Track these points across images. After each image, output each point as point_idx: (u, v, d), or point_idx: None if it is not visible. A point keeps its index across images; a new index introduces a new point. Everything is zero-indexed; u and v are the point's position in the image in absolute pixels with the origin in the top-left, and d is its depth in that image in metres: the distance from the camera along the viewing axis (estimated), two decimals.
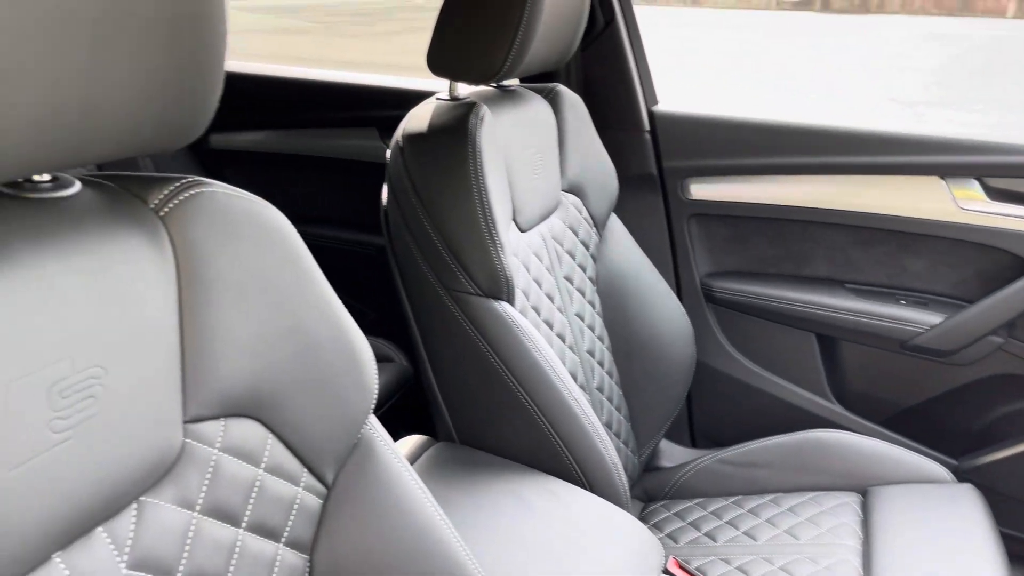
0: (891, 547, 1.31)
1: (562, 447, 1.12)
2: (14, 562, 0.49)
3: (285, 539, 0.70)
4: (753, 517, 1.44)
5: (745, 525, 1.43)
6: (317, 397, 0.70)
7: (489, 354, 1.11)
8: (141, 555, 0.58)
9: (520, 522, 0.99)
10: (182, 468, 0.62)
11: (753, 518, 1.44)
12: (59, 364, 0.52)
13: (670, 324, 1.57)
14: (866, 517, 1.40)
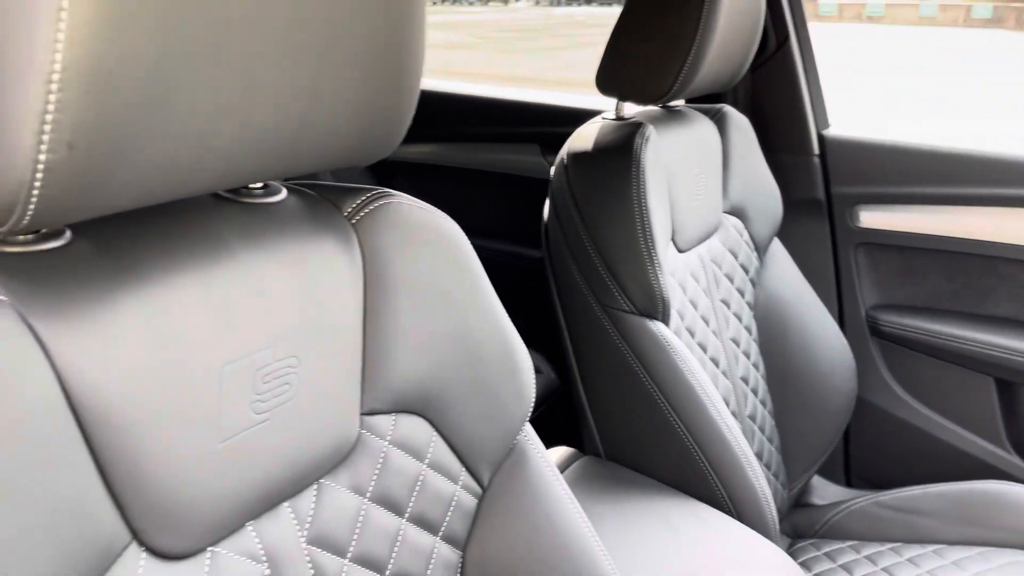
0: None
1: (711, 473, 1.11)
2: (216, 526, 0.55)
3: (442, 533, 0.73)
4: (912, 567, 1.36)
5: (903, 574, 1.35)
6: (479, 401, 0.74)
7: (641, 373, 1.12)
8: (319, 532, 0.63)
9: (665, 545, 0.99)
10: (357, 457, 0.66)
11: (912, 568, 1.36)
12: (263, 352, 0.58)
13: (831, 355, 1.51)
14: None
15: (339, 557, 0.65)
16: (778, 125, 1.65)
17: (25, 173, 0.41)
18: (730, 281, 1.40)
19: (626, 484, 1.09)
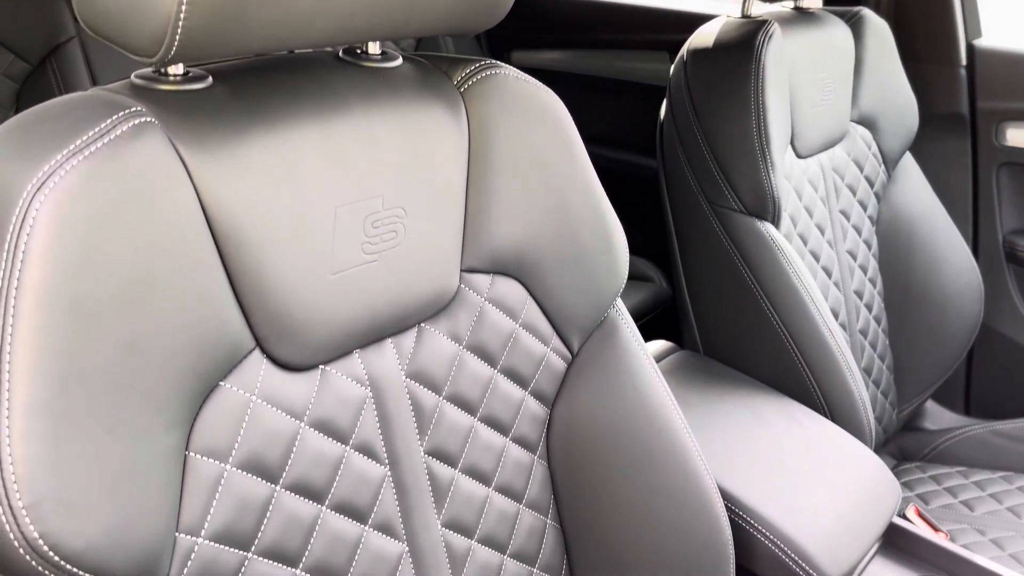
0: None
1: (809, 376, 1.11)
2: (327, 346, 0.63)
3: (531, 389, 0.79)
4: (1022, 495, 1.32)
5: (1011, 501, 1.31)
6: (573, 270, 0.78)
7: (745, 273, 1.12)
8: (417, 368, 0.70)
9: (751, 433, 1.01)
10: (455, 308, 0.73)
11: (1022, 496, 1.32)
12: (373, 200, 0.64)
13: (958, 278, 1.45)
14: None
15: (435, 393, 0.71)
16: (922, 32, 1.55)
17: (172, 5, 0.48)
18: (852, 193, 1.37)
19: (720, 377, 1.11)
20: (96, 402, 0.49)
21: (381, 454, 0.68)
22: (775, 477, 0.95)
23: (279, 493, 0.60)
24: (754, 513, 0.89)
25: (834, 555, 0.88)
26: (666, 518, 0.82)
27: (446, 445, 0.72)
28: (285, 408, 0.61)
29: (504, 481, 0.77)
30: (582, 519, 0.82)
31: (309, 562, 0.62)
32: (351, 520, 0.65)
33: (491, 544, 0.76)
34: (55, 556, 0.46)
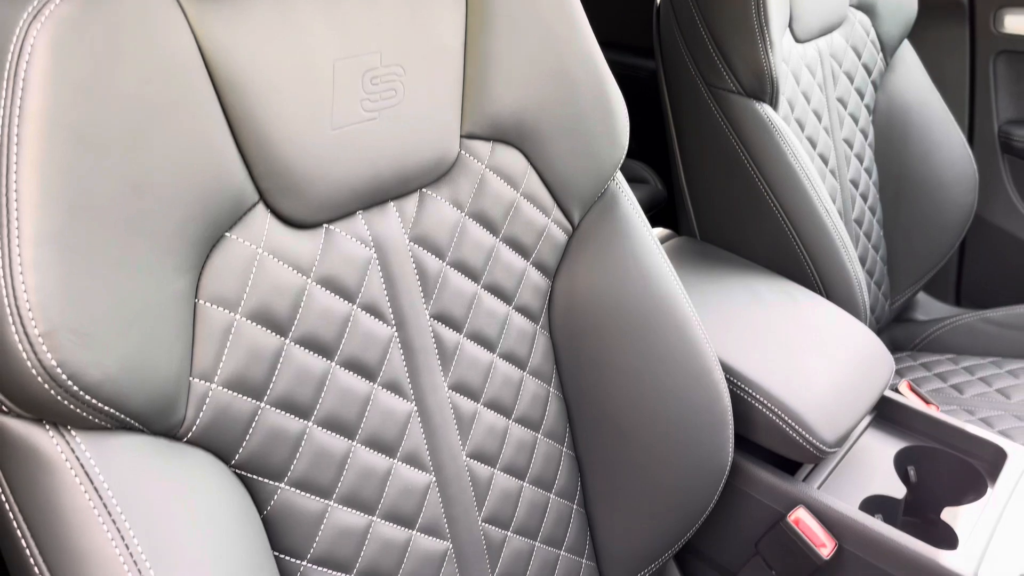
0: None
1: (805, 257, 1.12)
2: (330, 204, 0.63)
3: (533, 260, 0.80)
4: (1011, 378, 1.35)
5: (1000, 384, 1.34)
6: (572, 139, 0.78)
7: (743, 155, 1.12)
8: (421, 233, 0.70)
9: (748, 310, 1.02)
10: (457, 174, 0.72)
11: (1011, 379, 1.35)
12: (371, 55, 0.63)
13: (952, 168, 1.45)
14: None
15: (438, 259, 0.72)
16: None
17: None
18: (849, 80, 1.35)
19: (718, 260, 1.12)
20: (105, 237, 0.49)
21: (388, 314, 0.68)
22: (772, 350, 0.96)
23: (289, 346, 0.61)
24: (752, 383, 0.91)
25: (829, 423, 0.90)
26: (667, 384, 0.84)
27: (451, 310, 0.73)
28: (291, 263, 0.61)
29: (508, 348, 0.78)
30: (584, 387, 0.84)
31: (321, 415, 0.63)
32: (360, 377, 0.66)
33: (496, 408, 0.77)
34: (74, 385, 0.47)
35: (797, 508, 0.89)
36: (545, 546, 0.83)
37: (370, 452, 0.67)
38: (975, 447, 0.98)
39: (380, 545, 0.68)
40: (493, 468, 0.77)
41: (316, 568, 0.64)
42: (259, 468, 0.60)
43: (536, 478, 0.82)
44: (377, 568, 0.68)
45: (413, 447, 0.70)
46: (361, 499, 0.66)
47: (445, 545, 0.73)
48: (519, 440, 0.80)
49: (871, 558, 0.86)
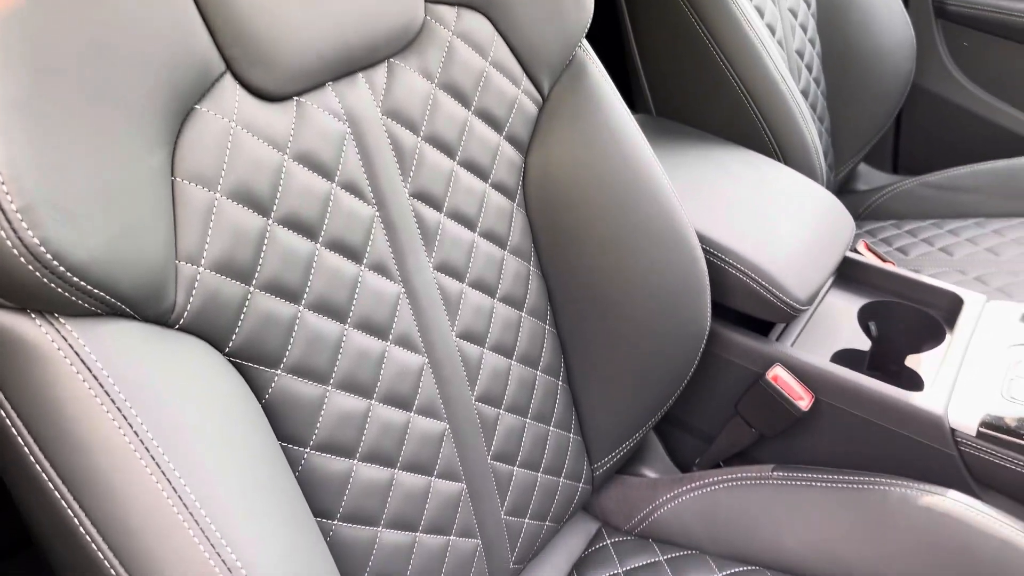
0: None
1: (763, 125, 1.12)
2: (299, 74, 0.59)
3: (505, 133, 0.77)
4: (952, 236, 1.40)
5: (941, 243, 1.39)
6: (537, 2, 0.74)
7: (697, 25, 1.10)
8: (393, 105, 0.67)
9: (713, 180, 1.02)
10: (424, 43, 0.68)
11: (952, 237, 1.40)
12: None
13: (891, 36, 1.46)
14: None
15: (413, 133, 0.68)
16: None
17: None
18: None
19: (679, 135, 1.11)
20: (74, 104, 0.45)
21: (367, 193, 0.65)
22: (741, 217, 0.97)
23: (272, 227, 0.58)
24: (725, 249, 0.92)
25: (800, 281, 0.92)
26: (646, 253, 0.83)
27: (429, 187, 0.70)
28: (266, 138, 0.57)
29: (488, 227, 0.76)
30: (563, 263, 0.83)
31: (311, 298, 0.61)
32: (346, 259, 0.64)
33: (481, 288, 0.76)
34: (60, 266, 0.43)
35: (774, 366, 0.92)
36: (535, 422, 0.83)
37: (363, 335, 0.65)
38: (932, 297, 1.02)
39: (380, 428, 0.67)
40: (482, 348, 0.76)
41: (319, 455, 0.62)
42: (254, 355, 0.57)
43: (523, 356, 0.81)
44: (379, 451, 0.67)
45: (404, 329, 0.69)
46: (358, 383, 0.65)
47: (442, 426, 0.73)
48: (505, 319, 0.79)
49: (846, 406, 0.89)
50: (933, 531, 0.80)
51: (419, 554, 0.71)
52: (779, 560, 0.88)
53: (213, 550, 0.46)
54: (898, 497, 0.82)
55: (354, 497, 0.65)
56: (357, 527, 0.65)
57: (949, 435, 0.84)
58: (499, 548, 0.81)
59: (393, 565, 0.69)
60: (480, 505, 0.78)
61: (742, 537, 0.90)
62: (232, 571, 0.46)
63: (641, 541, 0.95)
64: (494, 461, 0.79)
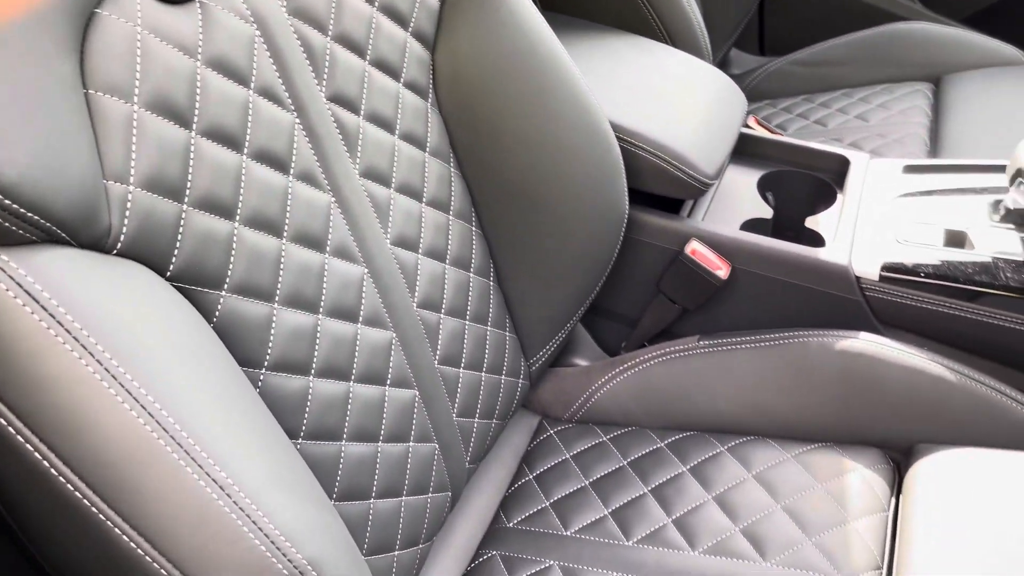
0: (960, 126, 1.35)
1: (651, 11, 1.13)
2: None
3: (411, 29, 0.74)
4: (824, 108, 1.48)
5: (815, 116, 1.47)
6: None
7: None
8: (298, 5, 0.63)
9: (612, 69, 1.03)
10: None
11: (824, 109, 1.48)
12: None
13: None
14: (937, 101, 1.43)
15: (321, 33, 0.65)
16: None
17: None
18: None
19: (572, 28, 1.10)
20: None
21: (285, 99, 0.62)
22: (643, 100, 0.98)
23: (197, 139, 0.55)
24: (634, 133, 0.93)
25: (707, 157, 0.95)
26: (563, 142, 0.84)
27: (344, 89, 0.68)
28: (175, 43, 0.53)
29: (406, 129, 0.74)
30: (482, 162, 0.82)
31: (245, 213, 0.58)
32: (273, 170, 0.61)
33: (408, 192, 0.75)
34: None
35: (690, 241, 0.95)
36: (474, 324, 0.84)
37: (301, 248, 0.63)
38: (822, 162, 1.08)
39: (331, 342, 0.65)
40: (417, 253, 0.75)
41: (275, 374, 0.60)
42: (197, 277, 0.54)
43: (456, 259, 0.81)
44: (333, 365, 0.65)
45: (340, 240, 0.67)
46: (304, 298, 0.63)
47: (389, 335, 0.72)
48: (435, 223, 0.78)
49: (760, 270, 0.94)
50: (850, 370, 0.86)
51: (383, 464, 0.71)
52: (715, 422, 0.93)
53: (202, 471, 0.44)
54: (816, 346, 0.88)
55: (315, 414, 0.63)
56: (322, 443, 0.64)
57: (855, 283, 0.90)
58: (455, 449, 0.82)
59: (360, 477, 0.68)
60: (433, 409, 0.78)
61: (678, 406, 0.95)
62: (225, 488, 0.45)
63: (582, 427, 0.98)
64: (441, 365, 0.79)
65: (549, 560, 0.83)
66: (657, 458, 0.91)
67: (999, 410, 0.81)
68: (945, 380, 0.83)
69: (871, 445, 0.86)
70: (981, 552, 0.71)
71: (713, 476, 0.87)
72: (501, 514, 0.90)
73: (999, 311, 0.85)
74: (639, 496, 0.87)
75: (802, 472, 0.85)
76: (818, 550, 0.77)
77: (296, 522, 0.47)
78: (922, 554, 0.73)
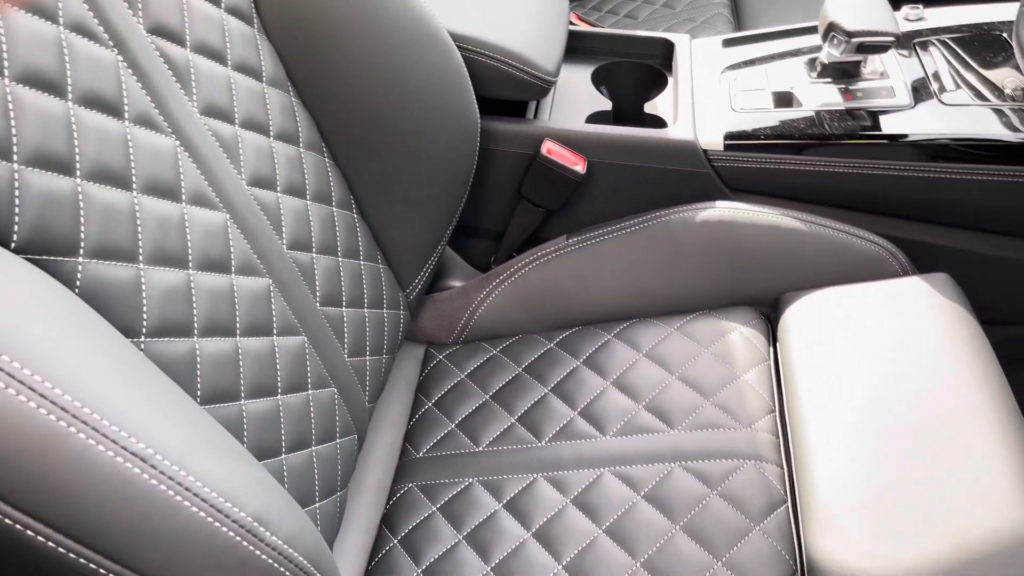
0: (756, 2, 1.42)
1: None
2: None
3: None
4: (631, 2, 1.51)
5: (625, 10, 1.50)
6: None
7: None
8: None
9: None
10: None
11: (632, 3, 1.51)
12: None
13: None
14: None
15: None
16: None
17: None
18: None
19: None
20: None
21: (100, 33, 0.55)
22: (471, 8, 0.96)
23: (12, 87, 0.48)
24: (472, 39, 0.91)
25: (546, 55, 0.95)
26: (404, 58, 0.80)
27: (164, 19, 0.61)
28: None
29: (238, 59, 0.68)
30: (323, 88, 0.78)
31: (85, 167, 0.51)
32: (105, 115, 0.54)
33: (253, 127, 0.69)
34: None
35: (545, 141, 0.95)
36: (347, 259, 0.80)
37: (154, 200, 0.57)
38: (647, 48, 1.10)
39: (208, 297, 0.60)
40: (276, 192, 0.70)
41: (157, 340, 0.55)
42: (46, 245, 0.48)
43: (315, 193, 0.76)
44: (216, 322, 0.60)
45: (194, 186, 0.61)
46: (170, 254, 0.57)
47: (266, 281, 0.67)
48: (287, 157, 0.73)
49: (615, 159, 0.96)
50: (712, 238, 0.90)
51: (287, 417, 0.67)
52: (597, 313, 0.95)
53: (116, 446, 0.39)
54: (678, 221, 0.92)
55: (207, 375, 0.59)
56: (220, 406, 0.60)
57: (703, 155, 0.94)
58: (353, 390, 0.79)
59: (267, 434, 0.64)
60: (324, 353, 0.74)
61: (559, 306, 0.96)
62: (147, 460, 0.40)
63: (471, 346, 0.97)
64: (323, 307, 0.75)
65: (467, 478, 0.83)
66: (550, 359, 0.92)
67: (848, 249, 0.88)
68: (797, 230, 0.89)
69: (743, 304, 0.92)
70: (856, 373, 0.77)
71: (607, 364, 0.89)
72: (408, 447, 0.88)
73: (832, 159, 0.91)
74: (541, 398, 0.88)
75: (687, 342, 0.89)
76: (717, 408, 0.82)
77: (231, 481, 0.44)
78: (806, 388, 0.79)
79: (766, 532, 0.71)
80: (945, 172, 0.89)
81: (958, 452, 0.69)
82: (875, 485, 0.69)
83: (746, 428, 0.80)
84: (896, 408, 0.73)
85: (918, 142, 0.89)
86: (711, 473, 0.76)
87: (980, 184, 0.88)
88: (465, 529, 0.78)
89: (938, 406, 0.73)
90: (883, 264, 0.88)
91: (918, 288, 0.84)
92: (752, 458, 0.77)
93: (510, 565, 0.74)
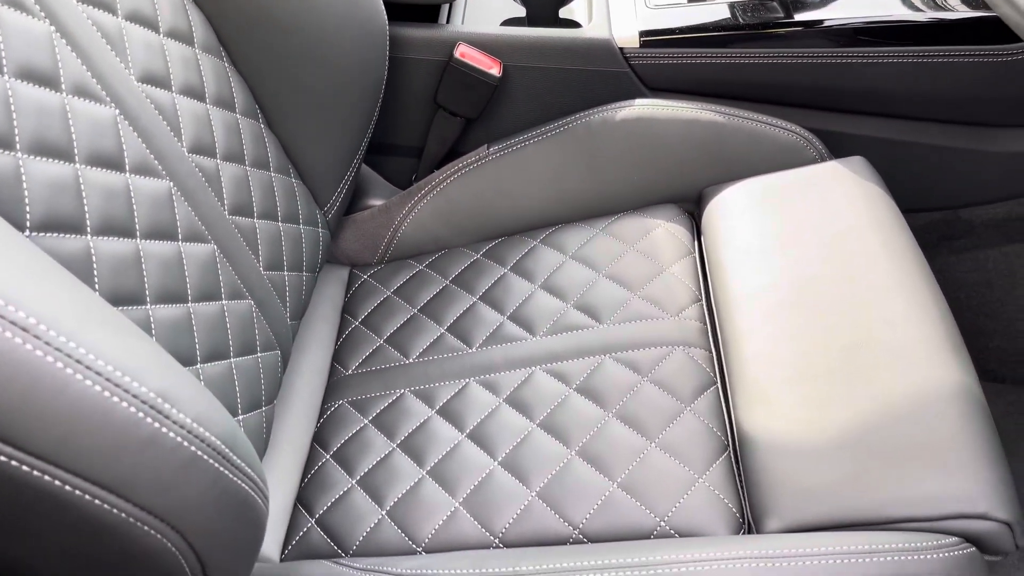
0: None
1: None
2: None
3: None
4: None
5: None
6: None
7: None
8: None
9: None
10: None
11: None
12: None
13: None
14: None
15: None
16: None
17: None
18: None
19: None
20: None
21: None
22: None
23: None
24: None
25: None
26: None
27: None
28: None
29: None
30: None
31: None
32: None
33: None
34: None
35: (458, 45, 0.92)
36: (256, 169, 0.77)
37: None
38: None
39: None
40: (171, 92, 0.67)
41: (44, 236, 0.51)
42: None
43: (215, 98, 0.73)
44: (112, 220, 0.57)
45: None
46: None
47: (167, 183, 0.64)
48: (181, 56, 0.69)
49: (531, 62, 0.94)
50: (633, 136, 0.89)
51: (200, 325, 0.64)
52: (522, 221, 0.94)
53: None
54: (598, 122, 0.90)
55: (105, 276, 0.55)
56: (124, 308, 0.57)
57: (619, 54, 0.93)
58: (271, 305, 0.76)
59: (179, 340, 0.61)
60: (237, 264, 0.71)
61: (484, 218, 0.94)
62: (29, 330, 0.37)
63: (396, 263, 0.95)
64: (233, 215, 0.72)
65: (399, 390, 0.81)
66: (477, 269, 0.90)
67: (767, 139, 0.88)
68: (716, 123, 0.89)
69: (667, 202, 0.91)
70: (779, 255, 0.78)
71: (534, 268, 0.88)
72: (337, 366, 0.86)
73: (746, 50, 0.91)
74: (470, 307, 0.87)
75: (613, 241, 0.88)
76: (645, 300, 0.82)
77: (131, 357, 0.41)
78: (732, 274, 0.79)
79: (697, 412, 0.72)
80: (855, 57, 0.89)
81: (880, 321, 0.70)
82: (801, 358, 0.70)
83: (673, 317, 0.80)
84: (820, 286, 0.74)
85: (829, 29, 0.89)
86: (641, 361, 0.76)
87: (888, 67, 0.89)
88: (399, 438, 0.77)
89: (860, 281, 0.74)
90: (801, 152, 0.88)
91: (836, 172, 0.84)
92: (681, 344, 0.77)
93: (445, 467, 0.73)
